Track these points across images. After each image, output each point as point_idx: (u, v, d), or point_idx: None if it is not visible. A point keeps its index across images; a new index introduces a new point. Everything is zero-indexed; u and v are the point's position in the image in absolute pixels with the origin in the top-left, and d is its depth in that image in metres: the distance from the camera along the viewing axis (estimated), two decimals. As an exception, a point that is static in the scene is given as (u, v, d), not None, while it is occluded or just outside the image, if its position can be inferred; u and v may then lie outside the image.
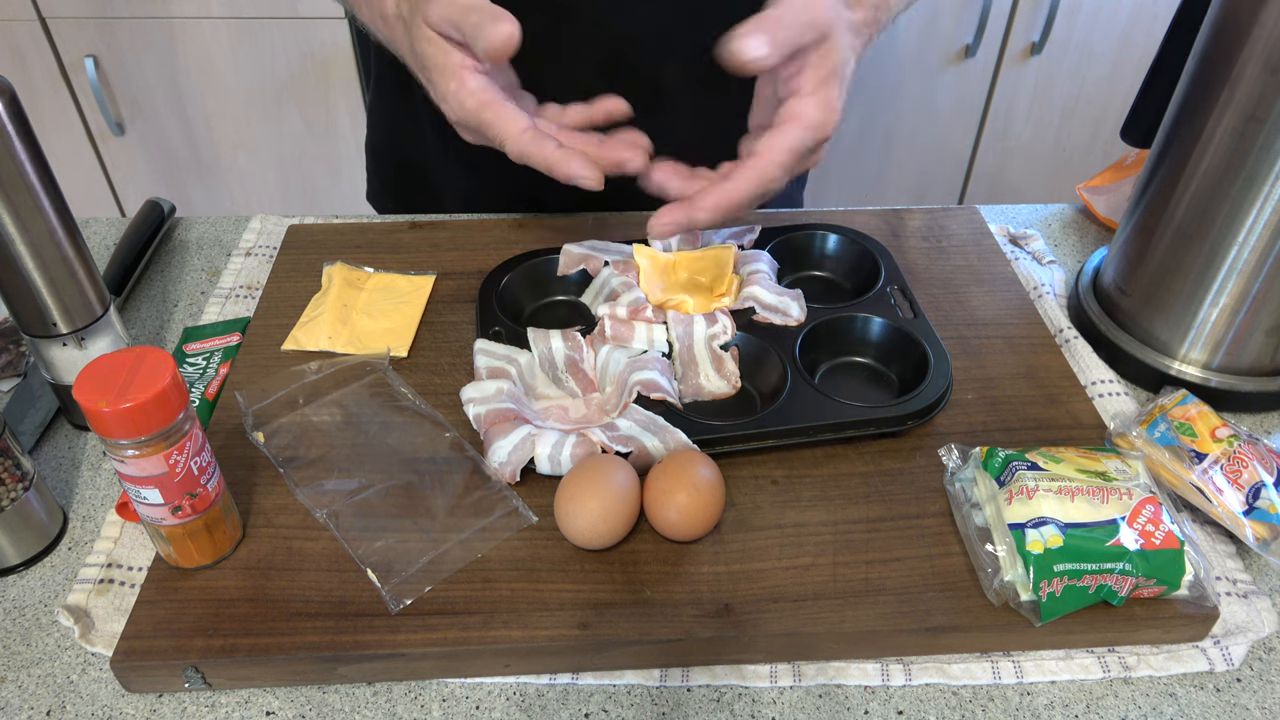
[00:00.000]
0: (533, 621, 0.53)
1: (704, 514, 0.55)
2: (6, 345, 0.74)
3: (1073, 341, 0.72)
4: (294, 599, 0.54)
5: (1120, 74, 1.81)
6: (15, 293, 0.61)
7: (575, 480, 0.56)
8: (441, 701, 0.52)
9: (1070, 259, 0.85)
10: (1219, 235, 0.64)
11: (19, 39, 1.68)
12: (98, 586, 0.57)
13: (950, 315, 0.74)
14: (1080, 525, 0.53)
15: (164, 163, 1.86)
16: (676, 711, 0.52)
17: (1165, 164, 0.67)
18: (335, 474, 0.61)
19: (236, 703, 0.52)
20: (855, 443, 0.63)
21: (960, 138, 1.90)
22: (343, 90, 1.76)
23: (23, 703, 0.52)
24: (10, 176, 0.56)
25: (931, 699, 0.53)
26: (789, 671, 0.54)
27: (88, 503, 0.63)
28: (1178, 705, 0.53)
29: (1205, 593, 0.54)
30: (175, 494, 0.52)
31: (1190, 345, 0.69)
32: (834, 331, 0.69)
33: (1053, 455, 0.57)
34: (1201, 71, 0.63)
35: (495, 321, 0.70)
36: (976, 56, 1.77)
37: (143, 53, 1.71)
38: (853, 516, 0.59)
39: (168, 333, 0.77)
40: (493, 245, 0.81)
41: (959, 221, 0.85)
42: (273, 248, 0.83)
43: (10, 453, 0.57)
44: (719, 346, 0.68)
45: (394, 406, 0.65)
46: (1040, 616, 0.53)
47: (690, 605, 0.54)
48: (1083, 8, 1.72)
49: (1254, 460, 0.59)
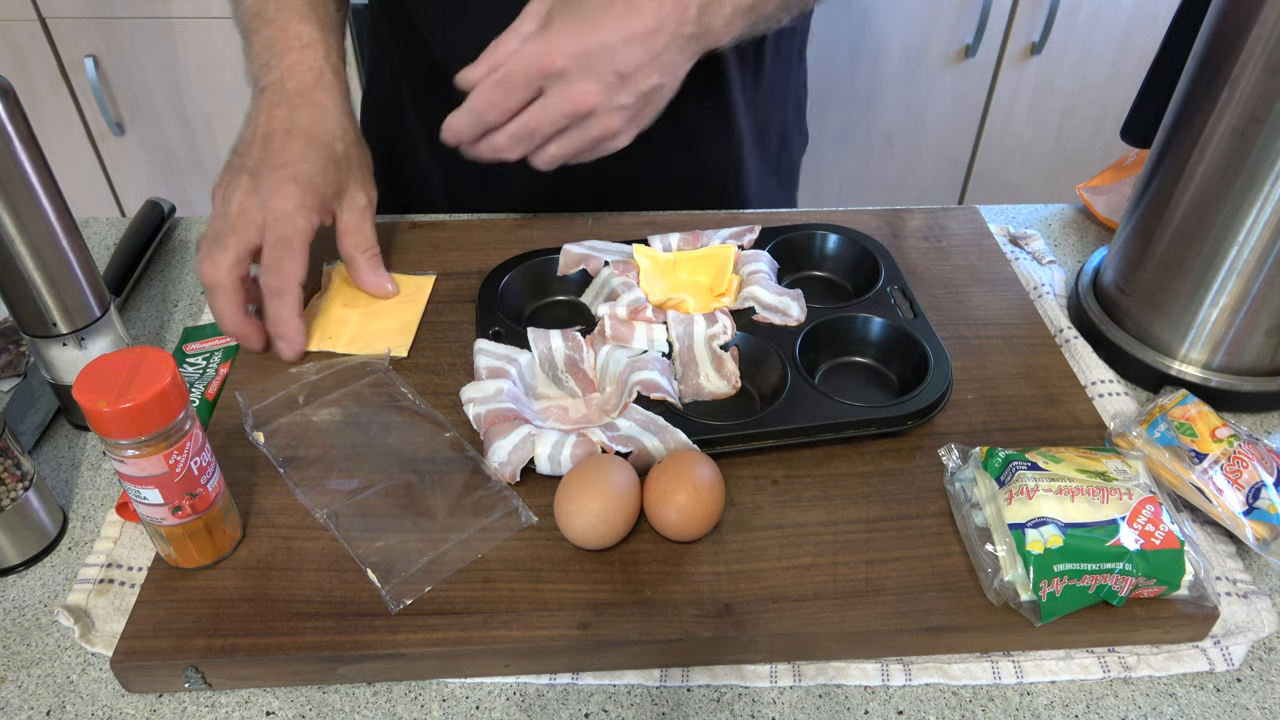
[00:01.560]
0: (533, 621, 0.53)
1: (704, 514, 0.55)
2: (6, 345, 0.74)
3: (1073, 341, 0.72)
4: (294, 599, 0.54)
5: (1120, 74, 1.81)
6: (15, 293, 0.61)
7: (575, 480, 0.56)
8: (441, 701, 0.52)
9: (1070, 259, 0.85)
10: (1219, 235, 0.64)
11: (19, 39, 1.68)
12: (98, 586, 0.57)
13: (950, 315, 0.74)
14: (1080, 525, 0.53)
15: (164, 163, 1.86)
16: (676, 711, 0.52)
17: (1165, 164, 0.67)
18: (335, 474, 0.61)
19: (236, 703, 0.52)
20: (855, 443, 0.63)
21: (960, 138, 1.90)
22: (343, 90, 1.76)
23: (23, 703, 0.52)
24: (10, 176, 0.56)
25: (931, 699, 0.53)
26: (789, 671, 0.54)
27: (88, 503, 0.63)
28: (1178, 705, 0.53)
29: (1205, 593, 0.54)
30: (175, 494, 0.52)
31: (1190, 345, 0.69)
32: (834, 331, 0.69)
33: (1053, 455, 0.57)
34: (1201, 71, 0.63)
35: (495, 321, 0.70)
36: (976, 56, 1.77)
37: (143, 53, 1.71)
38: (853, 516, 0.59)
39: (168, 333, 0.77)
40: (493, 245, 0.81)
41: (959, 221, 0.84)
42: (273, 248, 0.83)
43: (10, 453, 0.57)
44: (719, 346, 0.68)
45: (394, 406, 0.65)
46: (1040, 616, 0.53)
47: (690, 605, 0.54)
48: (1083, 8, 1.72)
49: (1254, 460, 0.59)
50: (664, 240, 0.77)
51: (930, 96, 1.83)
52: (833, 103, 1.83)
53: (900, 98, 1.84)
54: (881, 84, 1.82)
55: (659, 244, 0.76)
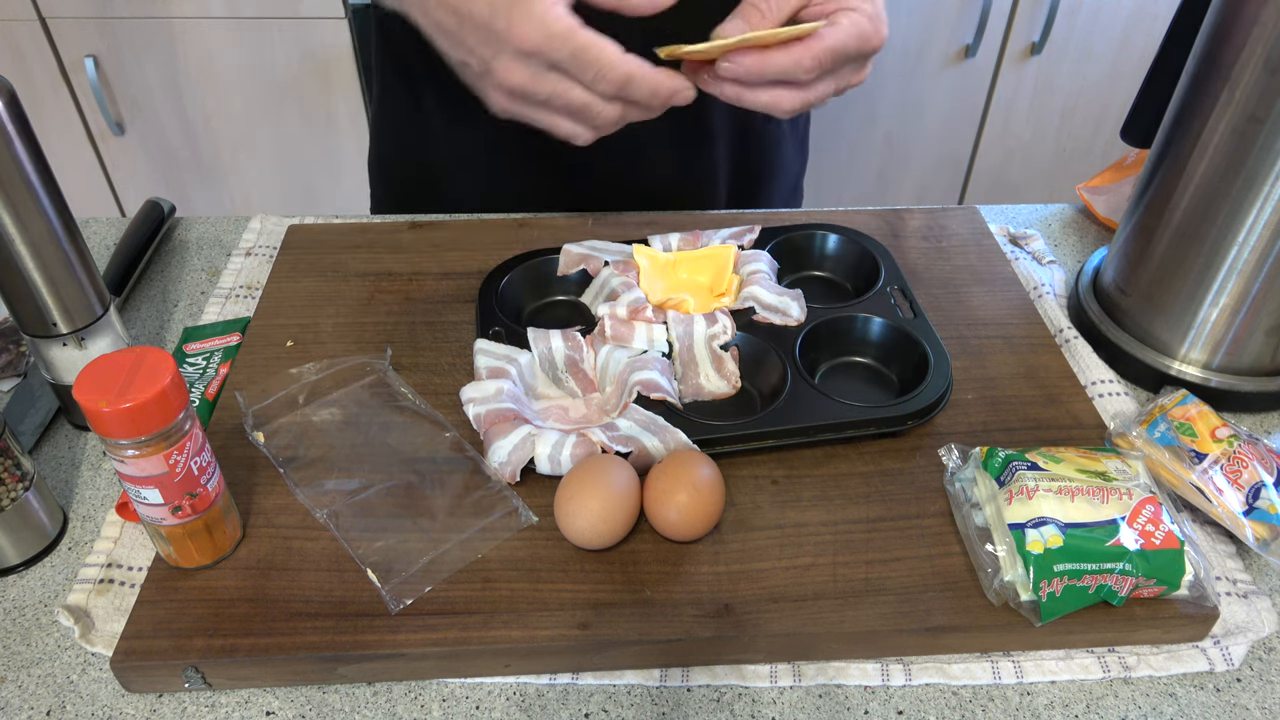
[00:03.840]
0: (533, 621, 0.53)
1: (704, 514, 0.55)
2: (6, 345, 0.74)
3: (1073, 341, 0.72)
4: (294, 599, 0.54)
5: (1120, 74, 1.82)
6: (15, 293, 0.61)
7: (575, 480, 0.56)
8: (441, 701, 0.52)
9: (1070, 259, 0.85)
10: (1219, 235, 0.64)
11: (19, 39, 1.68)
12: (98, 586, 0.57)
13: (950, 315, 0.74)
14: (1080, 525, 0.53)
15: (164, 163, 1.86)
16: (676, 711, 0.52)
17: (1165, 164, 0.67)
18: (335, 474, 0.61)
19: (236, 703, 0.52)
20: (855, 443, 0.63)
21: (960, 138, 1.90)
22: (343, 90, 1.76)
23: (23, 703, 0.52)
24: (10, 176, 0.56)
25: (931, 699, 0.53)
26: (789, 671, 0.54)
27: (88, 503, 0.63)
28: (1178, 705, 0.53)
29: (1205, 593, 0.54)
30: (175, 494, 0.52)
31: (1190, 345, 0.69)
32: (834, 331, 0.69)
33: (1053, 455, 0.57)
34: (1201, 71, 0.63)
35: (495, 321, 0.70)
36: (976, 56, 1.77)
37: (143, 53, 1.71)
38: (853, 516, 0.59)
39: (168, 333, 0.77)
40: (493, 245, 0.81)
41: (959, 221, 0.85)
42: (273, 248, 0.83)
43: (10, 453, 0.57)
44: (719, 346, 0.68)
45: (394, 406, 0.65)
46: (1040, 616, 0.53)
47: (690, 605, 0.54)
48: (1083, 8, 1.72)
49: (1254, 460, 0.59)
50: (664, 240, 0.77)
51: (930, 96, 1.84)
52: (832, 102, 1.82)
53: (900, 98, 1.84)
54: (881, 84, 1.82)
55: (659, 244, 0.76)
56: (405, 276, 0.78)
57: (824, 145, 1.89)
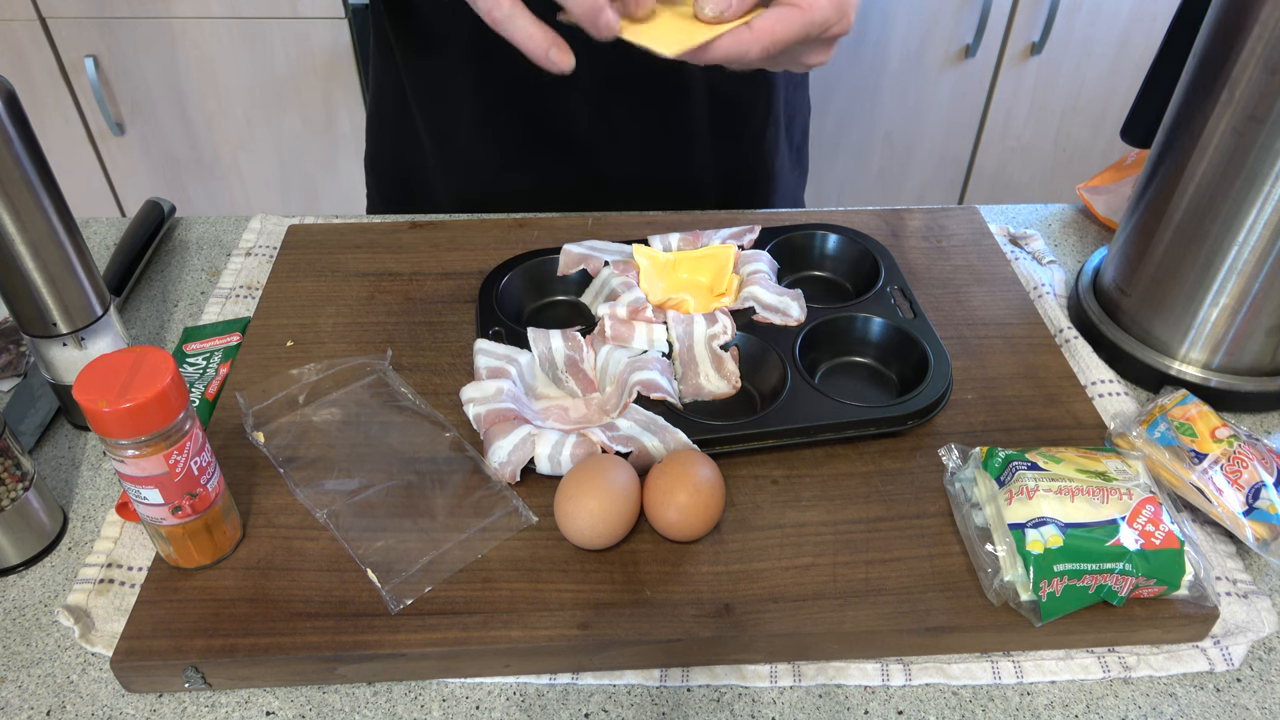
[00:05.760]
0: (533, 621, 0.53)
1: (704, 514, 0.55)
2: (6, 345, 0.74)
3: (1073, 341, 0.72)
4: (294, 599, 0.54)
5: (1120, 74, 1.81)
6: (15, 293, 0.61)
7: (575, 480, 0.56)
8: (441, 701, 0.52)
9: (1070, 259, 0.85)
10: (1219, 235, 0.64)
11: (19, 39, 1.68)
12: (98, 586, 0.57)
13: (950, 315, 0.74)
14: (1080, 525, 0.53)
15: (164, 163, 1.86)
16: (676, 711, 0.52)
17: (1165, 164, 0.67)
18: (335, 474, 0.61)
19: (236, 703, 0.52)
20: (855, 443, 0.63)
21: (960, 138, 1.90)
22: (343, 90, 1.76)
23: (23, 703, 0.52)
24: (10, 176, 0.56)
25: (931, 699, 0.53)
26: (789, 671, 0.54)
27: (88, 503, 0.63)
28: (1178, 705, 0.53)
29: (1205, 593, 0.54)
30: (175, 494, 0.52)
31: (1190, 345, 0.69)
32: (834, 331, 0.69)
33: (1053, 455, 0.57)
34: (1201, 71, 0.63)
35: (495, 321, 0.70)
36: (976, 56, 1.77)
37: (143, 53, 1.71)
38: (853, 516, 0.59)
39: (168, 333, 0.77)
40: (493, 245, 0.81)
41: (959, 221, 0.85)
42: (273, 248, 0.83)
43: (10, 453, 0.57)
44: (719, 346, 0.68)
45: (394, 406, 0.65)
46: (1040, 616, 0.53)
47: (690, 605, 0.54)
48: (1083, 8, 1.72)
49: (1254, 460, 0.59)
50: (664, 240, 0.77)
51: (930, 96, 1.83)
52: (833, 102, 1.83)
53: (900, 97, 1.84)
54: (881, 84, 1.82)
55: (659, 244, 0.76)
56: (405, 276, 0.78)
57: (824, 145, 1.89)
